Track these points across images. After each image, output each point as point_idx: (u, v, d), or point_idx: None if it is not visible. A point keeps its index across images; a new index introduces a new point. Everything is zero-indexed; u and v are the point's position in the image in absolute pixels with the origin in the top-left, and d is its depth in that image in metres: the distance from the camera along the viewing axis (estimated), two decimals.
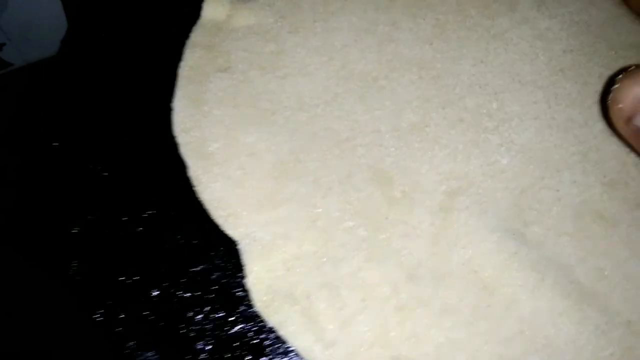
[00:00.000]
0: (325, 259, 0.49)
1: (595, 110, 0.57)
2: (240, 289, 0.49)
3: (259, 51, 0.60)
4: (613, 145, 0.54)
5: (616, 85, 0.47)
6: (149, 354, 0.47)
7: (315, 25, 0.62)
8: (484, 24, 0.61)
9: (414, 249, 0.50)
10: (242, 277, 0.49)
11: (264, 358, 0.47)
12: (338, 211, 0.52)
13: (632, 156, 0.54)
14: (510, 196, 0.52)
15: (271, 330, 0.48)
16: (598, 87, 0.58)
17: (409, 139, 0.55)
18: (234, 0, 0.63)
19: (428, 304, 0.47)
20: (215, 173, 0.54)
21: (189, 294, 0.49)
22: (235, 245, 0.51)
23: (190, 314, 0.49)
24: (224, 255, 0.51)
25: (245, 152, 0.54)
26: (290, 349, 0.47)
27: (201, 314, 0.49)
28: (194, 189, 0.53)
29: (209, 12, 0.62)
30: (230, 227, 0.51)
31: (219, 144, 0.55)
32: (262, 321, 0.48)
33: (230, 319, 0.49)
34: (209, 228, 0.51)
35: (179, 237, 0.52)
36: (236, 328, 0.48)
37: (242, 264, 0.50)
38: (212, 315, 0.49)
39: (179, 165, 0.54)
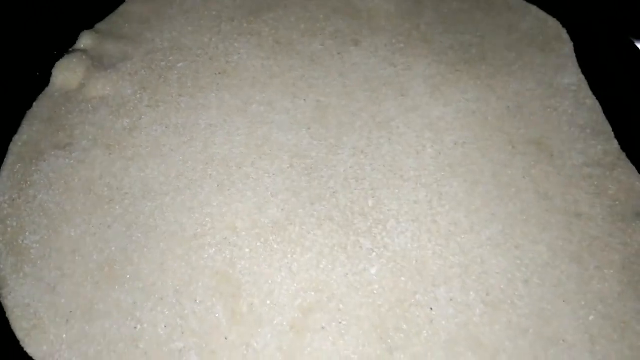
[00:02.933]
0: None
1: (484, 214, 0.50)
2: None
3: (109, 127, 0.52)
4: (501, 257, 0.47)
5: None
6: None
7: (180, 101, 0.54)
8: (369, 110, 0.55)
9: None
10: None
11: None
12: (167, 328, 0.43)
13: (523, 270, 0.47)
14: (375, 314, 0.44)
15: None
16: (490, 187, 0.51)
17: (268, 238, 0.48)
18: (90, 67, 0.55)
19: None
20: (25, 273, 0.45)
21: None
22: None
23: None
24: None
25: (68, 249, 0.46)
26: None
27: None
28: None
29: (59, 79, 0.55)
30: (33, 343, 0.42)
31: (37, 237, 0.46)
32: None
33: None
34: (6, 343, 0.42)
35: None
36: None
37: None
38: None
39: None
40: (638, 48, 0.60)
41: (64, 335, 0.42)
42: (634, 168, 0.52)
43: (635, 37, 0.61)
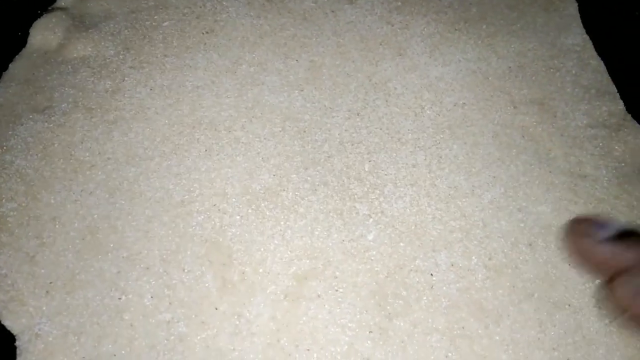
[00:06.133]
0: None
1: (485, 177, 0.48)
2: None
3: (90, 89, 0.50)
4: (503, 220, 0.45)
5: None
6: None
7: (165, 61, 0.52)
8: (365, 70, 0.52)
9: (245, 352, 0.39)
10: None
11: None
12: (153, 299, 0.41)
13: (527, 233, 0.45)
14: (373, 281, 0.42)
15: None
16: (491, 148, 0.49)
17: (260, 205, 0.45)
18: (70, 27, 0.52)
19: None
20: (2, 242, 0.42)
21: None
22: (14, 341, 0.39)
23: None
24: None
25: (47, 216, 0.43)
26: None
27: None
28: None
29: (37, 39, 0.52)
30: (10, 316, 0.40)
31: (15, 204, 0.44)
32: None
33: None
34: None
35: None
36: None
37: None
38: None
39: None
40: None
41: (44, 307, 0.40)
42: None
43: None
